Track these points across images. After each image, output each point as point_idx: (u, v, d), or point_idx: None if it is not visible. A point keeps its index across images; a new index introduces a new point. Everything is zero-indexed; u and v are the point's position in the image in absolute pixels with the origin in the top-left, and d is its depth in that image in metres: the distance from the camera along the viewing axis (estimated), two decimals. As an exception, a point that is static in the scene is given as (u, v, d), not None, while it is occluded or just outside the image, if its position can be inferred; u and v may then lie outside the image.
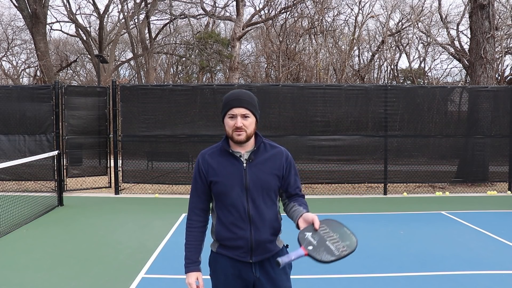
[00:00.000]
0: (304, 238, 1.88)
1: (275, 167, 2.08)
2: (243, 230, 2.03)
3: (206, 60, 21.15)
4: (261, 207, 2.04)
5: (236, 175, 2.03)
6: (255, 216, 2.03)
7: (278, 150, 2.14)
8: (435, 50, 23.54)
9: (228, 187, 2.03)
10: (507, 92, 9.71)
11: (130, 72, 34.41)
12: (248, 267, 2.07)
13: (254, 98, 2.10)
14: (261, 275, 2.07)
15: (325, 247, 1.88)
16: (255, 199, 2.03)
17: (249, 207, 2.02)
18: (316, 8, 19.70)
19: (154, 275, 4.32)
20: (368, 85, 10.39)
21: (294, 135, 9.19)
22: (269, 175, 2.06)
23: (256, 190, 2.03)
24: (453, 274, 4.33)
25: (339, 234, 1.97)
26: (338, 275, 4.28)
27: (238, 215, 2.03)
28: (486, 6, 10.65)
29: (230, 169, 2.04)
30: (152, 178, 9.25)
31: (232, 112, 2.01)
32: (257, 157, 2.07)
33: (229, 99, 2.04)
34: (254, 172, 2.04)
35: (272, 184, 2.07)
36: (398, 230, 6.12)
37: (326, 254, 1.87)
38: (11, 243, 5.42)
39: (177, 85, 10.01)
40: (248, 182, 2.02)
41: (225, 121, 2.05)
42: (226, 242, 2.07)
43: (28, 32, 20.94)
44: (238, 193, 2.02)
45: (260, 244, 2.04)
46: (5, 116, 9.14)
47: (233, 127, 2.00)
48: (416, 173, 9.41)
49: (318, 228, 1.90)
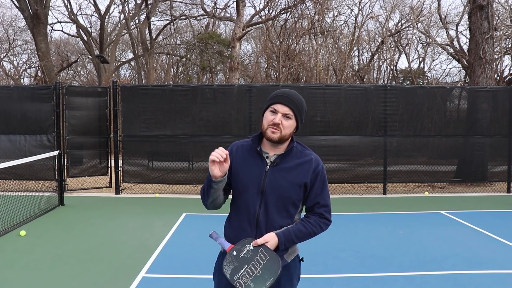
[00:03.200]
0: (243, 244, 1.87)
1: (300, 177, 1.92)
2: (248, 235, 1.91)
3: (207, 60, 21.18)
4: (273, 215, 1.90)
5: (256, 176, 1.91)
6: (263, 222, 1.90)
7: (308, 158, 1.97)
8: (435, 50, 23.57)
9: (244, 187, 1.93)
10: (506, 92, 9.73)
11: (131, 72, 34.45)
12: None
13: (304, 103, 1.99)
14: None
15: (238, 266, 1.82)
16: (268, 205, 1.90)
17: (259, 212, 1.90)
18: (316, 9, 19.73)
19: (155, 274, 4.34)
20: (367, 85, 10.41)
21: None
22: (291, 184, 1.90)
23: (272, 196, 1.89)
24: (453, 273, 4.35)
25: (260, 274, 1.80)
26: (338, 274, 4.31)
27: (247, 218, 1.92)
28: (485, 6, 10.68)
29: (252, 168, 1.93)
30: (153, 178, 9.27)
31: (276, 107, 1.90)
32: (283, 162, 1.93)
33: (278, 94, 1.94)
34: (275, 177, 1.90)
35: (291, 194, 1.91)
36: (397, 229, 6.14)
37: (229, 269, 1.83)
38: (12, 242, 5.44)
39: (177, 85, 10.03)
40: (266, 186, 1.89)
41: (265, 114, 1.93)
42: (231, 242, 1.98)
43: (29, 32, 20.97)
44: (253, 195, 1.91)
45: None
46: (6, 116, 9.17)
47: (270, 122, 1.88)
48: (415, 173, 9.43)
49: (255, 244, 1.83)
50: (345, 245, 5.32)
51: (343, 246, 5.28)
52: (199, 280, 4.10)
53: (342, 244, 5.39)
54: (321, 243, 5.34)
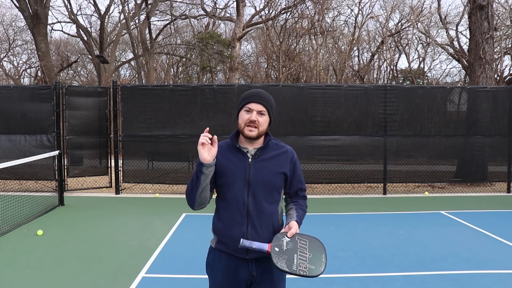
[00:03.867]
0: (278, 239, 1.97)
1: (280, 166, 2.11)
2: (240, 224, 2.04)
3: (207, 60, 21.18)
4: (262, 203, 2.06)
5: (240, 170, 2.06)
6: (254, 211, 2.05)
7: (284, 150, 2.17)
8: (435, 50, 23.57)
9: (231, 180, 2.06)
10: (506, 92, 9.74)
11: (131, 72, 34.46)
12: (244, 263, 2.06)
13: (273, 100, 2.16)
14: (259, 273, 2.06)
15: (289, 258, 1.92)
16: (256, 194, 2.05)
17: (248, 202, 2.05)
18: (316, 9, 19.73)
19: (155, 274, 4.34)
20: (367, 85, 10.41)
21: (294, 135, 9.22)
22: (273, 172, 2.09)
23: (258, 185, 2.05)
24: (452, 273, 4.35)
25: (312, 255, 1.97)
26: (338, 274, 4.31)
27: (237, 209, 2.05)
28: (485, 6, 10.68)
29: (235, 163, 2.08)
30: (153, 178, 9.27)
31: (250, 106, 2.06)
32: (263, 154, 2.10)
33: (250, 94, 2.09)
34: (258, 168, 2.07)
35: (275, 182, 2.09)
36: (397, 229, 6.14)
37: (284, 263, 1.90)
38: (12, 242, 5.44)
39: (177, 85, 10.03)
40: (251, 177, 2.05)
41: (240, 114, 2.10)
42: (223, 236, 2.09)
43: (29, 32, 20.98)
44: (240, 187, 2.05)
45: (256, 241, 2.01)
46: (6, 116, 9.17)
47: (247, 120, 2.04)
48: (415, 173, 9.43)
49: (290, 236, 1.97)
50: (345, 245, 5.32)
51: (343, 246, 5.28)
52: (199, 280, 4.10)
53: (342, 244, 5.39)
54: (321, 243, 5.35)
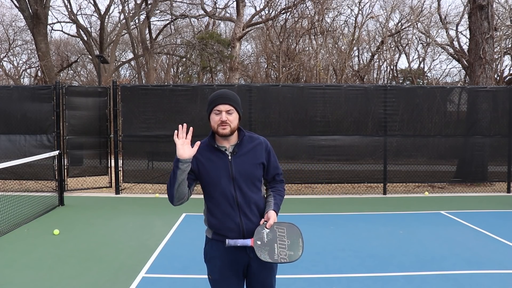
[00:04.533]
0: (259, 232, 2.17)
1: (257, 157, 2.30)
2: (233, 216, 2.23)
3: (207, 60, 21.18)
4: (248, 194, 2.25)
5: (223, 167, 2.24)
6: (243, 202, 2.24)
7: (258, 142, 2.34)
8: (435, 50, 23.56)
9: (216, 178, 2.23)
10: (506, 92, 9.74)
11: (131, 72, 34.46)
12: (242, 249, 2.24)
13: (237, 97, 2.30)
14: (255, 255, 2.18)
15: (271, 248, 2.14)
16: (242, 187, 2.24)
17: (236, 195, 2.23)
18: (316, 9, 19.73)
19: (155, 274, 4.34)
20: (367, 85, 10.41)
21: (294, 135, 9.22)
22: (252, 165, 2.27)
23: (241, 179, 2.24)
24: (453, 273, 4.35)
25: (291, 242, 2.17)
26: (338, 274, 4.31)
27: (227, 203, 2.23)
28: (485, 6, 10.68)
29: (217, 162, 2.25)
30: (153, 178, 9.27)
31: (218, 108, 2.22)
32: (240, 149, 2.28)
33: (215, 97, 2.26)
34: (238, 163, 2.25)
35: (255, 173, 2.29)
36: (397, 230, 6.14)
37: (266, 255, 2.13)
38: (12, 242, 5.44)
39: (177, 85, 10.03)
40: (234, 172, 2.23)
41: (211, 117, 2.27)
42: (219, 229, 2.26)
43: (29, 32, 20.97)
44: (226, 183, 2.23)
45: (250, 229, 2.22)
46: (6, 116, 9.17)
47: (218, 121, 2.22)
48: (415, 173, 9.43)
49: (269, 227, 2.18)
50: (345, 245, 5.32)
51: (343, 246, 5.28)
52: (199, 280, 4.10)
53: (342, 244, 5.39)
54: (321, 243, 5.35)
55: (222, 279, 2.27)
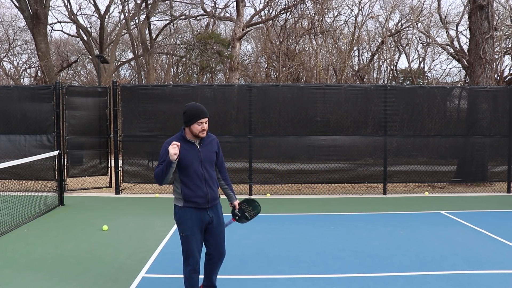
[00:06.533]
0: (234, 213, 3.65)
1: (213, 148, 3.43)
2: (202, 187, 3.29)
3: (207, 60, 21.17)
4: (210, 172, 3.36)
5: (195, 154, 3.29)
6: (208, 178, 3.33)
7: (213, 138, 3.49)
8: (435, 50, 23.54)
9: (190, 162, 3.25)
10: (506, 92, 9.73)
11: (131, 72, 34.43)
12: (205, 211, 3.32)
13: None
14: (214, 215, 3.36)
15: (244, 217, 3.69)
16: (206, 167, 3.33)
17: (204, 173, 3.30)
18: (316, 9, 19.72)
19: (155, 274, 4.35)
20: (367, 85, 10.41)
21: (294, 135, 9.22)
22: (212, 152, 3.40)
23: (206, 162, 3.33)
24: (453, 273, 4.36)
25: (252, 207, 3.69)
26: (338, 274, 4.31)
27: (198, 179, 3.28)
28: (485, 6, 10.67)
29: (191, 151, 3.29)
30: (153, 178, 9.23)
31: (201, 121, 3.28)
32: (204, 142, 3.37)
33: (198, 112, 3.28)
34: (204, 151, 3.35)
35: (213, 158, 3.42)
36: (397, 230, 6.14)
37: (244, 220, 3.70)
38: (12, 242, 5.44)
39: (177, 85, 10.03)
40: (202, 157, 3.32)
41: (193, 126, 3.27)
42: (191, 198, 3.25)
43: (29, 32, 20.97)
44: (197, 164, 3.28)
45: (212, 195, 3.33)
46: (6, 116, 9.17)
47: (200, 129, 3.28)
48: (415, 173, 9.43)
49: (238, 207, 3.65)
50: (345, 245, 5.32)
51: (343, 246, 5.28)
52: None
53: (342, 244, 5.39)
54: (321, 243, 5.34)
55: (192, 234, 3.26)
